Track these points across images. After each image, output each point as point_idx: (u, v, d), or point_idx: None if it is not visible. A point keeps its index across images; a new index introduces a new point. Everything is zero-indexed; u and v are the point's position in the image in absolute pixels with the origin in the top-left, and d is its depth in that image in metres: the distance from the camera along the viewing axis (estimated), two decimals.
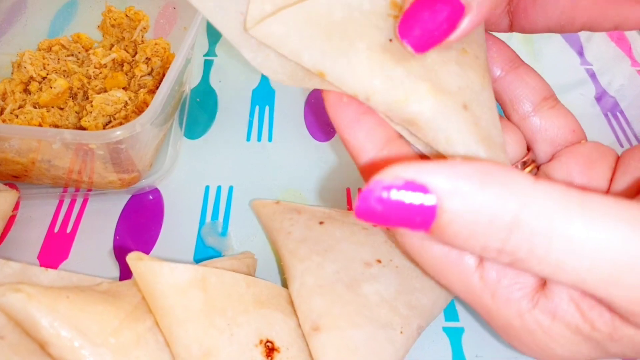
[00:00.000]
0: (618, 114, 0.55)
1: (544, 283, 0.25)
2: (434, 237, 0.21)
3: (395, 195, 0.20)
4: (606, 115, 0.55)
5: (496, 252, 0.21)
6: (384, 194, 0.20)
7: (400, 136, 0.29)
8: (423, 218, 0.20)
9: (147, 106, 0.38)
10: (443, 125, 0.26)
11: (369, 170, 0.28)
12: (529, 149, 0.32)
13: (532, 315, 0.25)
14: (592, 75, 0.60)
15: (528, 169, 0.31)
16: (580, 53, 0.63)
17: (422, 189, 0.20)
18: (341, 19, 0.25)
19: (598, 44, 0.64)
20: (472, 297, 0.26)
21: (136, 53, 0.52)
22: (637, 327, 0.22)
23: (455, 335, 0.38)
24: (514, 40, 0.63)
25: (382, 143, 0.28)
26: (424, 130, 0.27)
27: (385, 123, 0.28)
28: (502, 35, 0.34)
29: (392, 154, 0.28)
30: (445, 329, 0.38)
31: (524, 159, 0.32)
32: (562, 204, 0.19)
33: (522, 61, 0.33)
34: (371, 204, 0.20)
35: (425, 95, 0.26)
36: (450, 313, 0.39)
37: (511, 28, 0.34)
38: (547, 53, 0.63)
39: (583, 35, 0.65)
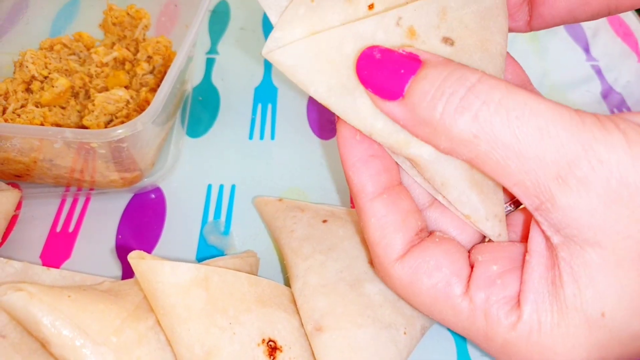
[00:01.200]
0: (625, 110, 0.55)
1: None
2: (408, 101, 0.24)
3: (392, 52, 0.25)
4: (612, 112, 0.55)
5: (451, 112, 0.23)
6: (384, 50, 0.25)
7: (401, 184, 0.30)
8: (408, 67, 0.24)
9: (148, 105, 0.38)
10: (439, 170, 0.27)
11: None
12: None
13: (521, 322, 0.25)
14: (599, 72, 0.59)
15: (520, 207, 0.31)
16: (586, 49, 0.62)
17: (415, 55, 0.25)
18: (352, 52, 0.25)
19: (604, 40, 0.64)
20: (465, 324, 0.27)
21: (138, 51, 0.51)
22: (584, 245, 0.23)
23: (460, 336, 0.37)
24: (519, 38, 0.62)
25: (383, 188, 0.28)
26: (422, 169, 0.28)
27: (391, 169, 0.29)
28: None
29: (389, 201, 0.28)
30: (450, 330, 0.38)
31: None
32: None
33: (533, 87, 0.33)
34: (373, 52, 0.25)
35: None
36: None
37: (530, 23, 0.33)
38: (552, 50, 0.62)
39: (589, 31, 0.65)
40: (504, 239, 0.29)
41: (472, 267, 0.27)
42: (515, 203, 0.31)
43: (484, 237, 0.30)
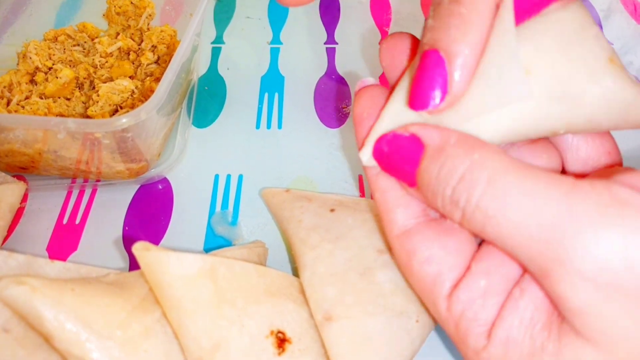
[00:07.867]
0: None
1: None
2: (420, 189, 0.26)
3: (397, 140, 0.26)
4: None
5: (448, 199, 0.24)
6: (391, 138, 0.26)
7: None
8: (413, 155, 0.25)
9: None
10: None
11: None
12: (564, 169, 0.29)
13: (487, 352, 0.24)
14: None
15: None
16: None
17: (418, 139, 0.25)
18: None
19: (618, 22, 0.62)
20: (440, 320, 0.27)
21: (142, 41, 0.51)
22: (580, 337, 0.21)
23: None
24: None
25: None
26: None
27: None
28: None
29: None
30: None
31: None
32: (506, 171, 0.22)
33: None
34: (381, 146, 0.27)
35: None
36: None
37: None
38: None
39: (602, 13, 0.63)
40: None
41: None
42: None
43: None
